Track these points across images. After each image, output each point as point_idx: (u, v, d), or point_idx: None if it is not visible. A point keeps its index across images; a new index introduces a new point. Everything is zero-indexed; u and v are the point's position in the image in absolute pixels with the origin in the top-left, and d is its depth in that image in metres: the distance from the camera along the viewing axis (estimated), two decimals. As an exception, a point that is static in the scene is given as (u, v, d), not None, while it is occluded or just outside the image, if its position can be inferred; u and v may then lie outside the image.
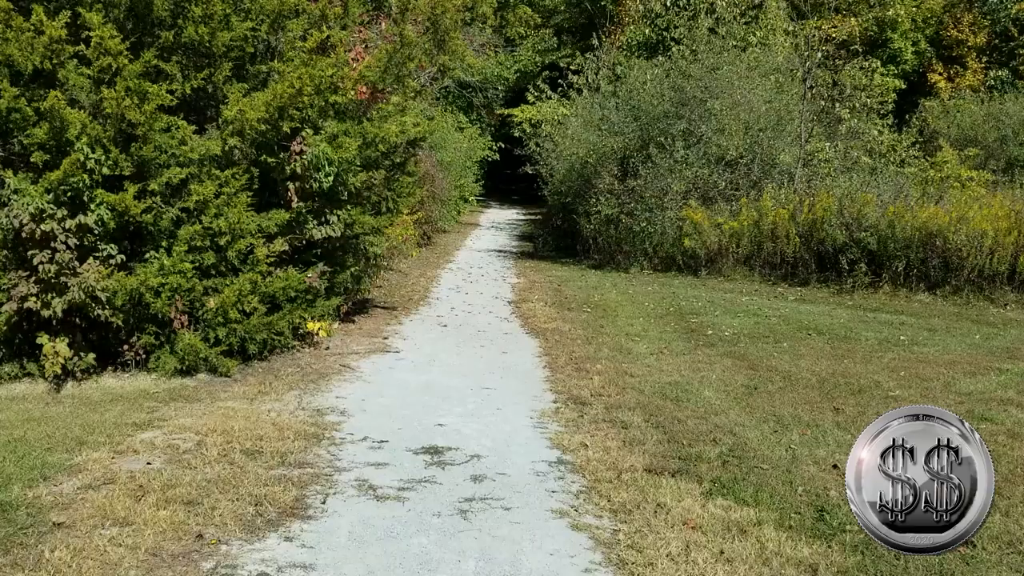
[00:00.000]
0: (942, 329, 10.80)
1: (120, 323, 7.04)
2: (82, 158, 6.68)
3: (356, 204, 8.55)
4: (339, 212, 8.23)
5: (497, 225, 28.55)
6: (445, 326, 10.45)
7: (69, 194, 6.76)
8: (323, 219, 8.19)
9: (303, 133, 7.61)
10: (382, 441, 5.68)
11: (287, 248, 7.87)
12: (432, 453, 5.47)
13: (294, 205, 7.84)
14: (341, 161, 7.79)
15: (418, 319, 10.85)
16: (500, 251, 20.55)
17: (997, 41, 31.10)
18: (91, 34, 6.65)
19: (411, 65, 8.41)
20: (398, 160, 9.51)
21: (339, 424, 6.05)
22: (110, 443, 5.33)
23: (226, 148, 7.25)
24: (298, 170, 7.70)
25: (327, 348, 8.60)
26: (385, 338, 9.42)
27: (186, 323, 7.21)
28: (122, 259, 7.04)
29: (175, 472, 4.82)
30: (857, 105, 17.80)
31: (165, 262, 7.09)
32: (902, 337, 10.08)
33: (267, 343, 7.86)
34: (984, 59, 31.03)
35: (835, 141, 17.53)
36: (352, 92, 7.89)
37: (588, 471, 5.16)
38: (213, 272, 7.40)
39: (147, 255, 7.23)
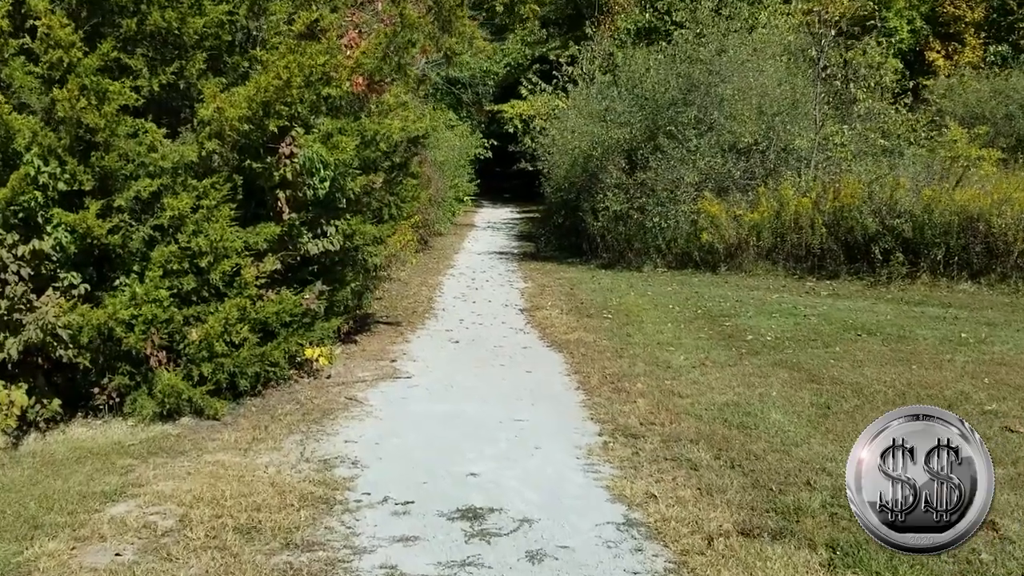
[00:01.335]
0: (1002, 323, 9.85)
1: (87, 363, 5.99)
2: (33, 172, 5.63)
3: (356, 212, 7.50)
4: (337, 222, 7.18)
5: (493, 225, 27.53)
6: (457, 342, 9.43)
7: (20, 215, 5.71)
8: (319, 231, 7.14)
9: (293, 133, 6.56)
10: (407, 502, 4.66)
11: (279, 266, 6.82)
12: (471, 518, 4.44)
13: (285, 217, 6.78)
14: (338, 163, 6.74)
15: (426, 335, 9.83)
16: (501, 253, 19.53)
17: (995, 16, 30.27)
18: (37, 23, 5.58)
19: (413, 51, 7.37)
20: (399, 161, 8.46)
21: (352, 480, 5.02)
22: (71, 524, 4.29)
23: (203, 154, 6.19)
24: (289, 176, 6.64)
25: (329, 377, 7.57)
26: (393, 360, 8.39)
27: (164, 360, 6.15)
28: (86, 289, 5.98)
29: (150, 568, 3.78)
30: (872, 84, 16.82)
31: (137, 290, 6.04)
32: (963, 334, 9.12)
33: (260, 376, 6.83)
34: (983, 35, 30.22)
35: (850, 123, 16.55)
36: (347, 83, 6.84)
37: (668, 536, 4.15)
38: (194, 299, 6.35)
39: (116, 282, 6.17)
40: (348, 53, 6.96)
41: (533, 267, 16.76)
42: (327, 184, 6.76)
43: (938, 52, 30.11)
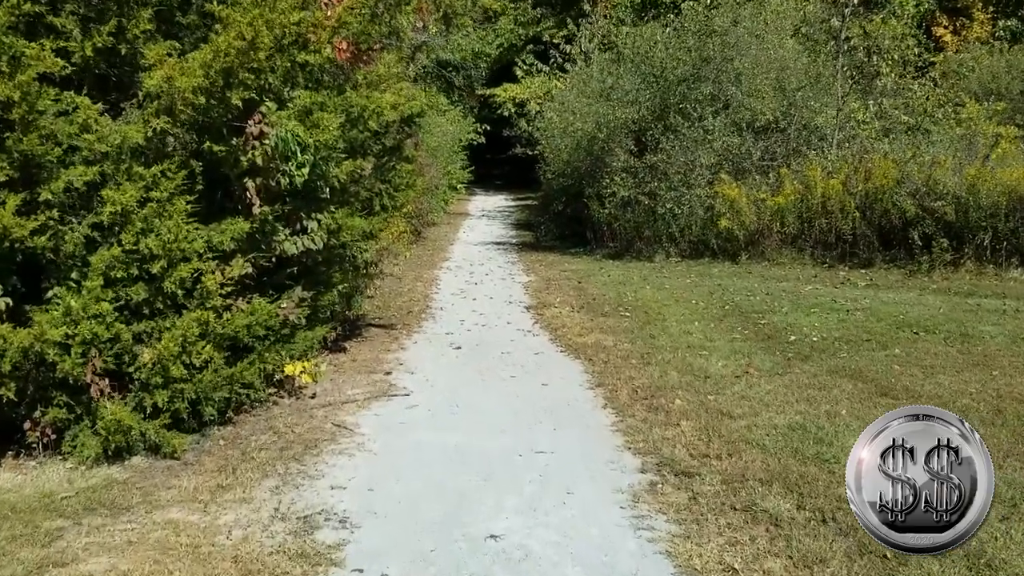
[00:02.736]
0: (1071, 317, 8.80)
1: (12, 396, 4.85)
2: (-68, 159, 4.49)
3: (341, 203, 6.35)
4: (320, 216, 6.03)
5: (488, 213, 26.37)
6: (459, 348, 8.31)
7: (-80, 214, 4.57)
8: (299, 227, 5.99)
9: (263, 108, 5.39)
10: (412, 585, 3.55)
11: (250, 270, 5.67)
12: (498, 611, 3.34)
13: (256, 210, 5.63)
14: (318, 146, 5.58)
15: (424, 339, 8.70)
16: (498, 243, 18.39)
17: (1004, -11, 29.26)
18: (-74, -32, 4.43)
19: (408, 10, 6.21)
20: (391, 143, 7.31)
21: (339, 549, 3.90)
22: (-42, 635, 3.17)
23: (151, 134, 5.03)
24: (259, 161, 5.48)
25: (313, 396, 6.46)
26: (387, 373, 7.27)
27: (108, 389, 5.01)
28: (8, 304, 4.83)
29: None
30: (896, 57, 15.69)
31: (73, 303, 4.88)
32: (1034, 331, 8.07)
33: (231, 401, 5.71)
34: (991, 9, 29.25)
35: (874, 99, 15.43)
36: (328, 48, 5.66)
37: (771, 642, 3.06)
38: (145, 312, 5.21)
39: (48, 295, 5.03)
40: (329, 12, 5.79)
41: (534, 258, 15.63)
42: (306, 170, 5.60)
43: (945, 27, 29.12)
